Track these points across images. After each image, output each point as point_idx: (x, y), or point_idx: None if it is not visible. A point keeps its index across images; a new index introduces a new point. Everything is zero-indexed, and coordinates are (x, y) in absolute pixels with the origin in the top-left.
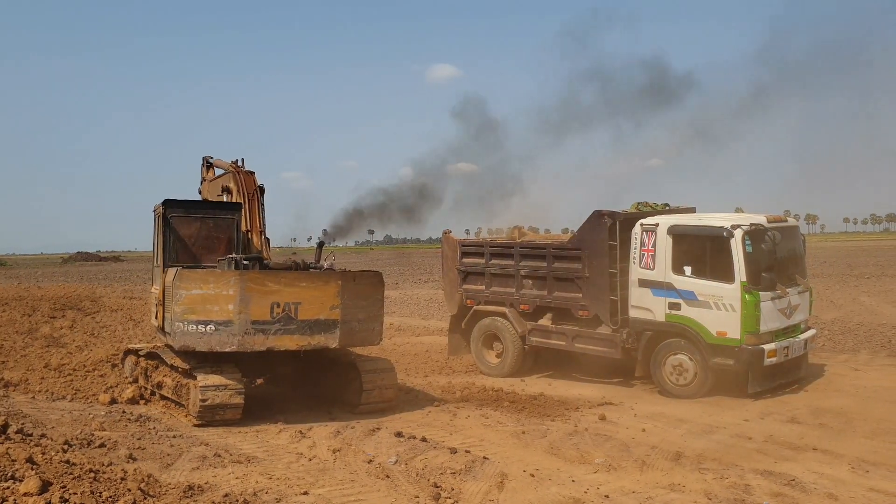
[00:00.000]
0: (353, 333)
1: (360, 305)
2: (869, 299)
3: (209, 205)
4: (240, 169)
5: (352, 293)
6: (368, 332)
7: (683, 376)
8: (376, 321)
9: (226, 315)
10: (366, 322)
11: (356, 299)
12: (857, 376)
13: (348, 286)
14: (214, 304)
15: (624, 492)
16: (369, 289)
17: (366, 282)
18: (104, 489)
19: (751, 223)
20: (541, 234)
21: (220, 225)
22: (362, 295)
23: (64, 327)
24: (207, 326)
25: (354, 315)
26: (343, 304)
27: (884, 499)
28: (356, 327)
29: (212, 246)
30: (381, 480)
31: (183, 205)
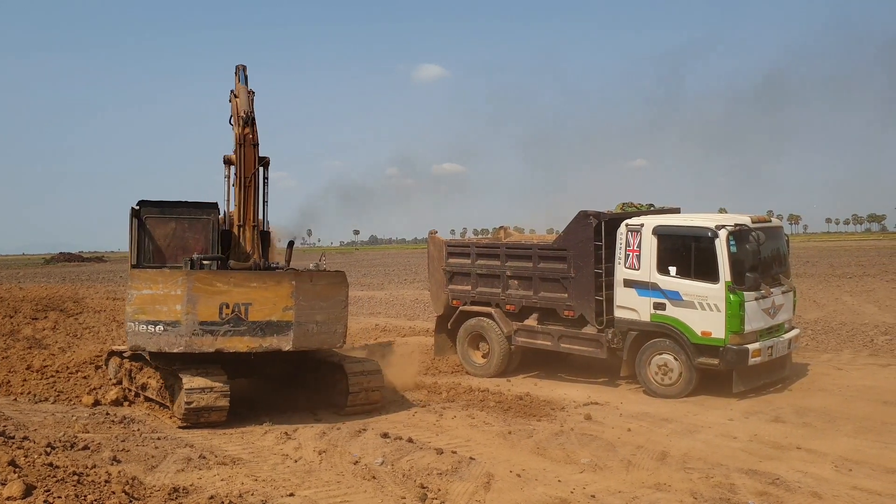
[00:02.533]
0: (310, 335)
1: (319, 307)
2: (851, 299)
3: (183, 205)
4: (247, 137)
5: (308, 294)
6: (328, 334)
7: (668, 376)
8: (338, 323)
9: (174, 315)
10: (325, 324)
11: (313, 300)
12: (840, 375)
13: (304, 287)
14: (163, 304)
15: (610, 491)
16: (329, 289)
17: (325, 282)
18: (88, 492)
19: (735, 223)
20: (526, 235)
21: (196, 225)
22: (321, 296)
23: (46, 328)
24: (157, 327)
25: (311, 317)
26: (297, 306)
27: (867, 497)
28: (313, 329)
29: (188, 246)
30: (367, 481)
31: (158, 205)
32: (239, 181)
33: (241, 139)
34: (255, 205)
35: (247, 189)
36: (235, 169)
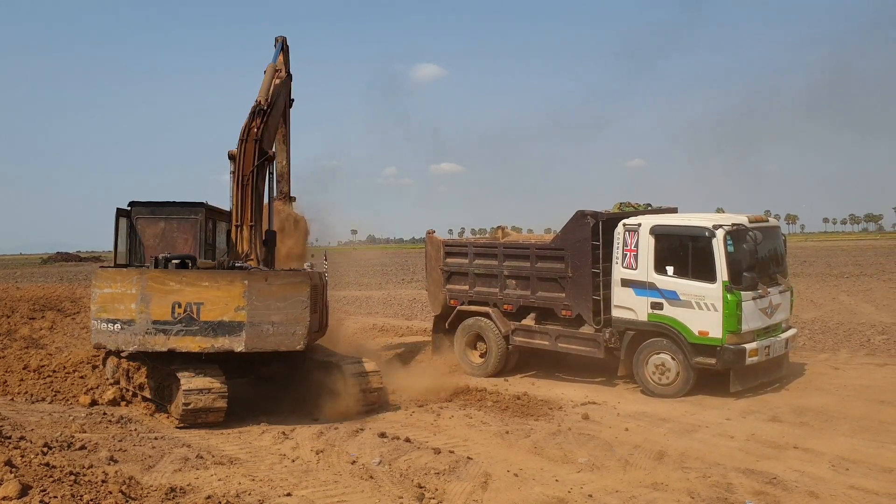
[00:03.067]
0: (265, 337)
1: (276, 307)
2: (848, 298)
3: (171, 205)
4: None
5: (263, 294)
6: (286, 335)
7: (666, 375)
8: (298, 324)
9: (129, 314)
10: (283, 325)
11: (269, 300)
12: (837, 375)
13: (258, 287)
14: (120, 302)
15: (607, 491)
16: (287, 289)
17: (282, 281)
18: (85, 492)
19: (732, 223)
20: (524, 234)
21: (183, 225)
22: (277, 296)
23: (43, 328)
24: (115, 325)
25: (266, 317)
26: (250, 306)
27: (864, 496)
28: (268, 330)
29: (176, 246)
30: (364, 481)
31: (147, 206)
32: (236, 179)
33: (245, 133)
34: (253, 204)
35: (244, 188)
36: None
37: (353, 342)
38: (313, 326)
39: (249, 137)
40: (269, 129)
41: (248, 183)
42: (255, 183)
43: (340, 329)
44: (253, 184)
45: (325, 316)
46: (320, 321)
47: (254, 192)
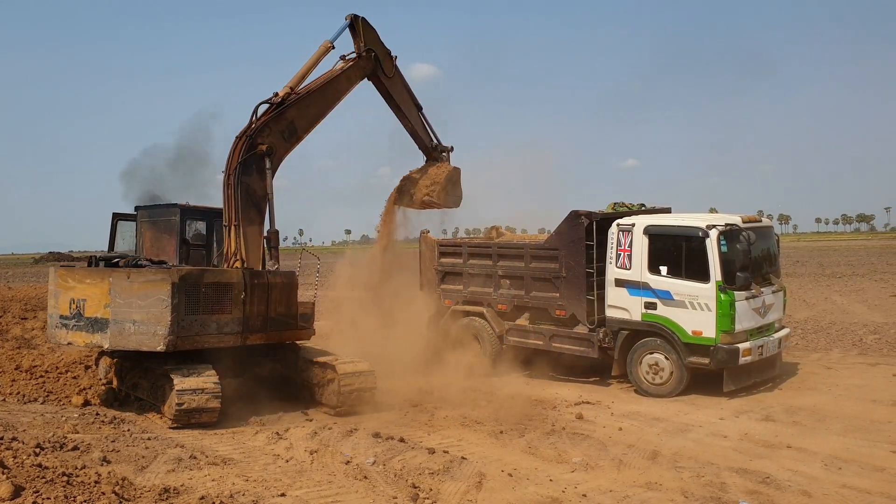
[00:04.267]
0: (126, 335)
1: (137, 305)
2: (841, 298)
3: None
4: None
5: (125, 292)
6: (147, 335)
7: (659, 375)
8: (158, 324)
9: (52, 309)
10: (143, 324)
11: (131, 298)
12: (830, 375)
13: (120, 284)
14: (51, 298)
15: (601, 490)
16: (148, 287)
17: (143, 279)
18: (78, 493)
19: (726, 223)
20: (518, 235)
21: (165, 226)
22: (139, 294)
23: (36, 328)
24: (51, 319)
25: (128, 315)
26: (114, 303)
27: (856, 495)
28: (129, 329)
29: (162, 248)
30: (358, 481)
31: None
32: (224, 177)
33: (244, 130)
34: (238, 202)
35: (226, 188)
36: None
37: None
38: (194, 327)
39: (244, 134)
40: (278, 122)
41: (230, 182)
42: (238, 180)
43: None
44: (236, 181)
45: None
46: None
47: (237, 189)
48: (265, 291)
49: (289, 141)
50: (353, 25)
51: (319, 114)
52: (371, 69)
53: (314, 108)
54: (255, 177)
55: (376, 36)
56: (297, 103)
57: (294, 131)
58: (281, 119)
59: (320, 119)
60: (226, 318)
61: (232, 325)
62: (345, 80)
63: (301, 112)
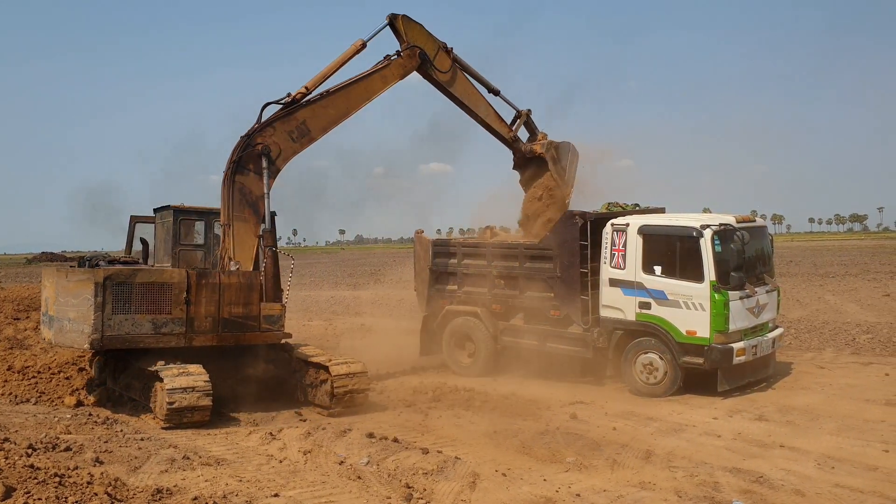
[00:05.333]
0: (64, 333)
1: (71, 304)
2: (834, 298)
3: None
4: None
5: (63, 290)
6: (76, 333)
7: (653, 375)
8: (85, 322)
9: (44, 308)
10: (75, 322)
11: (67, 297)
12: (823, 374)
13: (60, 283)
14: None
15: (595, 490)
16: (78, 287)
17: (75, 278)
18: (70, 494)
19: (720, 223)
20: (512, 234)
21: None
22: (73, 293)
23: (28, 329)
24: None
25: (66, 313)
26: (56, 302)
27: (849, 494)
28: (66, 326)
29: (166, 249)
30: (352, 482)
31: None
32: (223, 177)
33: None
34: (231, 202)
35: (223, 186)
36: None
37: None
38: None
39: (248, 133)
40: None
41: (225, 180)
42: (232, 179)
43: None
44: (231, 180)
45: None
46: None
47: (232, 189)
48: (215, 292)
49: (298, 141)
50: (392, 25)
51: (342, 115)
52: (414, 67)
53: (334, 109)
54: (252, 176)
55: (422, 31)
56: (312, 104)
57: (306, 132)
58: (290, 119)
59: (342, 119)
60: (163, 319)
61: (172, 326)
62: (379, 80)
63: (316, 113)
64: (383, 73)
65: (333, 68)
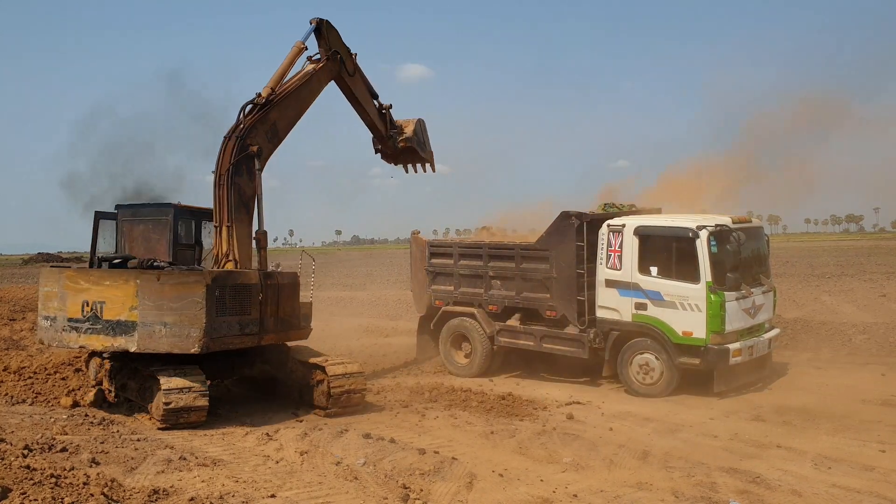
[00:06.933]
0: (157, 338)
1: (169, 308)
2: (830, 299)
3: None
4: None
5: (155, 294)
6: (179, 337)
7: (650, 375)
8: (193, 325)
9: (54, 311)
10: (175, 326)
11: (162, 300)
12: (820, 374)
13: (150, 286)
14: (52, 300)
15: (592, 491)
16: (181, 289)
17: (174, 281)
18: (66, 495)
19: (716, 224)
20: (509, 235)
21: (157, 226)
22: (170, 296)
23: (24, 329)
24: (48, 321)
25: (159, 318)
26: (142, 306)
27: (846, 494)
28: (160, 331)
29: (151, 247)
30: (349, 482)
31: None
32: (215, 178)
33: (232, 130)
34: (231, 203)
35: (220, 187)
36: None
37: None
38: (222, 328)
39: (233, 135)
40: (263, 123)
41: (223, 182)
42: (230, 181)
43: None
44: (228, 183)
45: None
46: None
47: (230, 190)
48: (276, 292)
49: (272, 142)
50: (318, 29)
51: (297, 115)
52: (337, 70)
53: (292, 109)
54: (245, 178)
55: (339, 36)
56: (279, 104)
57: (276, 132)
58: (266, 120)
59: (297, 120)
60: (247, 320)
61: (251, 326)
62: (316, 83)
63: (282, 113)
64: (319, 77)
65: (287, 69)
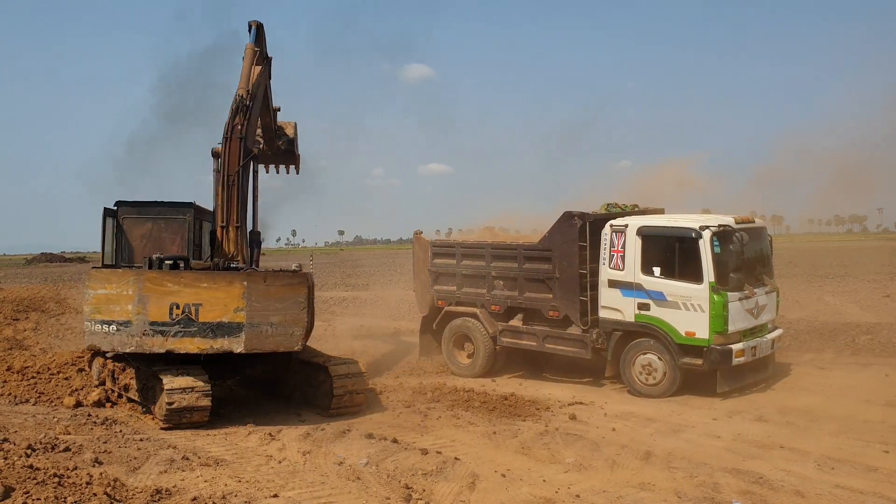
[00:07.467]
0: (264, 338)
1: (275, 308)
2: (833, 299)
3: (160, 205)
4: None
5: (261, 295)
6: (284, 336)
7: (653, 376)
8: (296, 324)
9: (125, 315)
10: (282, 326)
11: (268, 301)
12: (823, 375)
13: (256, 287)
14: (116, 303)
15: (594, 491)
16: (285, 290)
17: (280, 283)
18: (69, 494)
19: (719, 224)
20: (511, 235)
21: (172, 225)
22: (276, 297)
23: (27, 329)
24: (110, 326)
25: (266, 318)
26: (249, 307)
27: (849, 495)
28: (268, 331)
29: (164, 247)
30: (351, 482)
31: (135, 205)
32: (222, 178)
33: (229, 131)
34: (240, 204)
35: (230, 188)
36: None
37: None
38: (310, 327)
39: (233, 135)
40: (251, 125)
41: (233, 183)
42: (240, 182)
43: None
44: (239, 183)
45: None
46: (312, 321)
47: (240, 191)
48: (311, 293)
49: (253, 145)
50: (259, 31)
51: (260, 115)
52: (269, 72)
53: (260, 110)
54: (248, 178)
55: None
56: (255, 105)
57: (254, 134)
58: (252, 121)
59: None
60: (311, 318)
61: (311, 324)
62: (265, 83)
63: (258, 113)
64: (266, 81)
65: (250, 71)
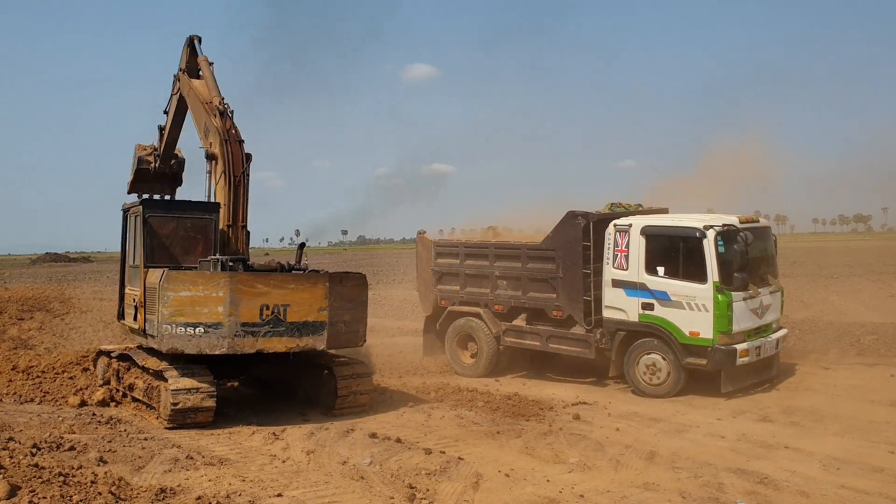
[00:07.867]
0: (339, 335)
1: (346, 307)
2: (838, 299)
3: (186, 204)
4: (230, 132)
5: (338, 295)
6: (353, 333)
7: (657, 376)
8: (360, 323)
9: (215, 317)
10: (351, 324)
11: (342, 301)
12: (828, 375)
13: (335, 288)
14: (203, 306)
15: (598, 491)
16: (355, 290)
17: (351, 284)
18: (74, 493)
19: (723, 224)
20: (515, 235)
21: (198, 225)
22: (348, 297)
23: (32, 329)
24: (196, 329)
25: (340, 317)
26: (331, 306)
27: (854, 495)
28: (342, 329)
29: (188, 246)
30: (355, 482)
31: (161, 205)
32: (228, 180)
33: (226, 134)
34: (245, 203)
35: (237, 188)
36: (221, 166)
37: None
38: None
39: (232, 138)
40: None
41: (239, 183)
42: (245, 183)
43: None
44: (244, 183)
45: None
46: None
47: (245, 191)
48: None
49: None
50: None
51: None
52: None
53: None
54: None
55: None
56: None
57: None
58: None
59: None
60: None
61: None
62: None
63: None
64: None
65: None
